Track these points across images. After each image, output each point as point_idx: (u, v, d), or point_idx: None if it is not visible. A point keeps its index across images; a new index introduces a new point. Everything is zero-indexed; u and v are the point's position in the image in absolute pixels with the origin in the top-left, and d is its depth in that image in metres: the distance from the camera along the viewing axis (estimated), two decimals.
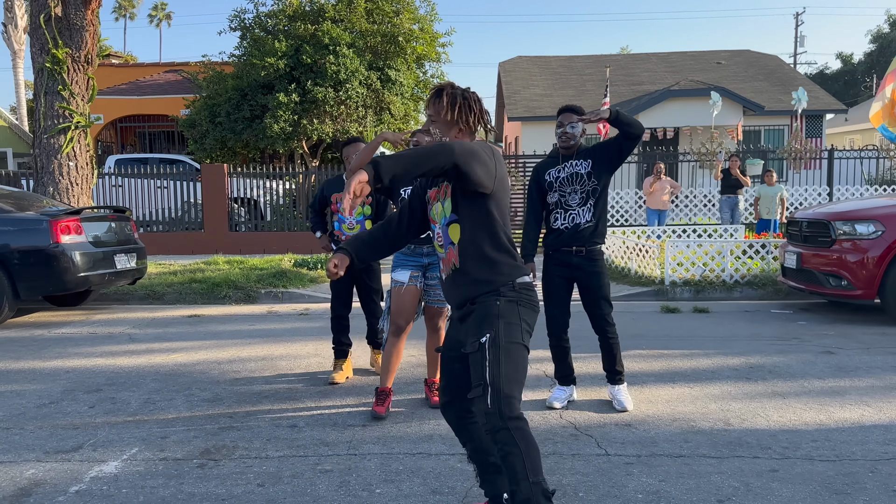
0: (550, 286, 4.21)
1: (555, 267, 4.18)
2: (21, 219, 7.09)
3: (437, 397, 4.25)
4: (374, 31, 15.71)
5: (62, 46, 9.89)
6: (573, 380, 4.36)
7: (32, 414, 4.21)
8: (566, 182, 4.13)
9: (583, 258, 4.10)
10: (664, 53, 25.83)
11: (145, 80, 21.19)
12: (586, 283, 4.12)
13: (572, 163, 4.13)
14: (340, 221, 4.91)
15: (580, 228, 4.09)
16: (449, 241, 2.53)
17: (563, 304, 4.22)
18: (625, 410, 4.14)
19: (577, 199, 4.11)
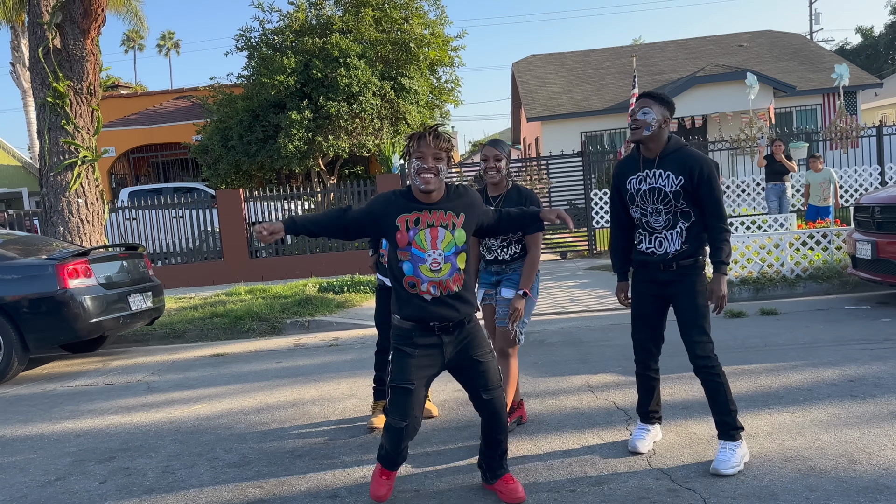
0: (636, 306, 3.55)
1: (642, 283, 3.51)
2: (26, 265, 6.59)
3: None
4: (384, 40, 15.20)
5: (63, 79, 9.45)
6: (658, 418, 3.69)
7: (35, 496, 3.65)
8: (647, 198, 3.39)
9: (673, 273, 3.39)
10: (683, 40, 25.04)
11: (155, 108, 20.87)
12: (675, 304, 3.41)
13: (655, 173, 3.35)
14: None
15: (669, 257, 3.37)
16: (456, 268, 2.94)
17: (649, 327, 3.53)
18: (720, 476, 3.19)
19: (662, 221, 3.39)
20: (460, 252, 2.94)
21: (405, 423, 2.94)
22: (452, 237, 2.91)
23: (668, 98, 3.38)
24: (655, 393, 3.63)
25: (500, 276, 3.91)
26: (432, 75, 16.84)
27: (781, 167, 11.05)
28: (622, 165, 3.52)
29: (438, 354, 2.98)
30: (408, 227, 2.89)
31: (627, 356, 5.54)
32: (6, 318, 6.42)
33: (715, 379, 3.30)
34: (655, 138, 3.33)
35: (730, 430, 3.30)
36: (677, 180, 3.29)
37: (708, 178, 3.26)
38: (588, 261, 12.10)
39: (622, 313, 7.45)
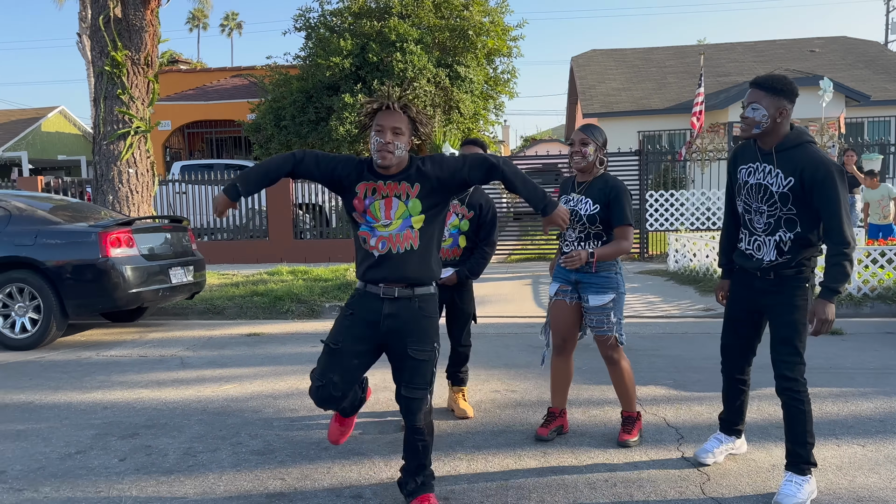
0: (729, 309, 3.27)
1: (738, 287, 3.22)
2: (69, 231, 6.57)
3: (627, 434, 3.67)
4: (443, 26, 14.94)
5: (121, 48, 9.47)
6: (737, 431, 3.39)
7: (53, 469, 3.53)
8: (752, 193, 3.06)
9: (770, 282, 3.06)
10: (751, 42, 24.14)
11: (212, 85, 21.05)
12: (769, 317, 3.07)
13: (766, 168, 3.00)
14: None
15: (762, 267, 3.05)
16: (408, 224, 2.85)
17: (739, 335, 3.24)
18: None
19: (763, 223, 3.06)
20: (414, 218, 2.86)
21: (320, 384, 2.88)
22: (406, 207, 2.84)
23: (785, 83, 2.93)
24: (739, 403, 3.33)
25: (579, 274, 3.59)
26: (489, 65, 16.51)
27: (852, 179, 10.44)
28: (739, 150, 3.17)
29: (375, 324, 2.87)
30: (365, 195, 2.87)
31: (679, 369, 5.20)
32: (48, 282, 6.41)
33: (798, 405, 2.97)
34: (770, 132, 2.96)
35: (801, 463, 2.97)
36: (786, 181, 2.93)
37: (823, 185, 2.84)
38: (639, 264, 11.67)
39: (674, 321, 7.08)
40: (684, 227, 12.05)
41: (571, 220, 3.57)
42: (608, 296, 3.55)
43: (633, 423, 3.69)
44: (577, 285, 3.63)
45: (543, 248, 12.97)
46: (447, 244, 4.07)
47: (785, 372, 2.98)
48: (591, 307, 3.57)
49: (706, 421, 4.02)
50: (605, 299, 3.55)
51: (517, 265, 12.23)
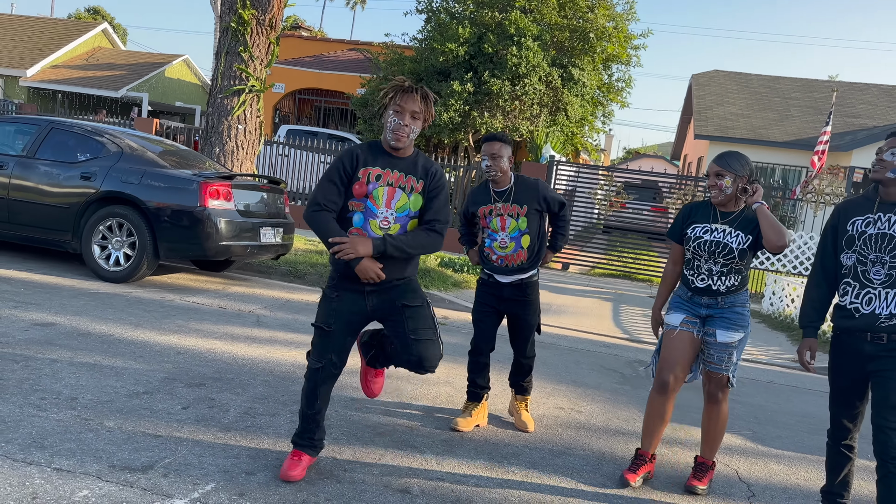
0: (835, 376, 3.04)
1: (844, 350, 2.99)
2: (172, 176, 6.80)
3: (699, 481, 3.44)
4: (564, 26, 14.67)
5: (249, 7, 9.72)
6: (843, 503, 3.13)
7: (120, 404, 3.64)
8: (872, 243, 2.86)
9: (882, 346, 2.82)
10: (888, 86, 22.61)
11: (329, 55, 21.50)
12: (878, 381, 2.83)
13: (892, 218, 2.84)
14: (492, 238, 3.91)
15: (879, 321, 2.82)
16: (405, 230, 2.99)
17: (849, 403, 3.01)
18: None
19: (883, 274, 2.83)
20: (413, 217, 3.00)
21: (320, 365, 3.00)
22: (408, 200, 2.95)
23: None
24: (843, 474, 3.07)
25: (711, 309, 3.35)
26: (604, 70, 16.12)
27: None
28: (849, 204, 2.99)
29: (360, 300, 2.99)
30: (368, 181, 2.93)
31: (760, 421, 4.88)
32: (146, 222, 6.66)
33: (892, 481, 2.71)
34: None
35: None
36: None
37: None
38: None
39: (759, 369, 6.69)
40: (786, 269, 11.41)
41: (714, 253, 3.29)
42: (738, 334, 3.31)
43: (707, 470, 3.46)
44: (705, 320, 3.37)
45: (630, 265, 12.58)
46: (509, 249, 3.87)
47: (893, 440, 2.72)
48: (717, 343, 3.32)
49: (782, 481, 3.73)
50: (735, 337, 3.31)
51: (600, 280, 11.91)
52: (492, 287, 3.97)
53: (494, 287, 3.96)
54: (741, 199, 3.33)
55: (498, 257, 3.87)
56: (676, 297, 3.49)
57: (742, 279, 3.33)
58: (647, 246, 13.51)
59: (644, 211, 14.01)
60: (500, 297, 3.94)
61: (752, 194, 3.27)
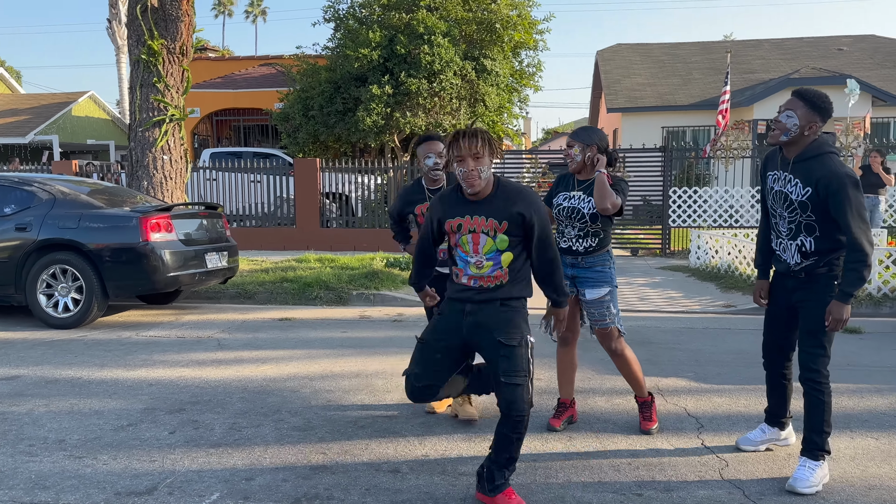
0: (769, 305, 3.46)
1: (774, 285, 3.42)
2: (111, 215, 6.84)
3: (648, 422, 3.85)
4: (470, 19, 15.06)
5: (158, 38, 9.71)
6: (781, 423, 3.56)
7: (108, 439, 3.78)
8: (776, 199, 3.24)
9: (800, 281, 3.23)
10: (778, 39, 23.98)
11: (240, 73, 21.34)
12: (799, 312, 3.24)
13: (787, 177, 3.16)
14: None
15: (791, 268, 3.23)
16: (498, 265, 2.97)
17: (776, 330, 3.42)
18: (795, 493, 3.06)
19: (786, 228, 3.23)
20: (504, 252, 2.96)
21: (406, 374, 3.12)
22: (493, 242, 2.95)
23: (823, 101, 3.08)
24: (782, 396, 3.50)
25: (575, 269, 3.75)
26: (515, 58, 16.62)
27: (877, 180, 10.46)
28: (769, 156, 3.33)
29: (459, 319, 3.00)
30: (453, 230, 3.02)
31: (701, 362, 5.36)
32: (90, 264, 6.68)
33: (819, 395, 3.14)
34: (795, 143, 3.12)
35: (815, 450, 3.14)
36: (804, 190, 3.09)
37: (837, 196, 2.99)
38: (660, 260, 11.78)
39: (695, 317, 7.22)
40: (707, 224, 12.12)
41: (571, 217, 3.68)
42: (603, 289, 3.70)
43: (650, 407, 3.87)
44: (573, 280, 3.76)
45: None
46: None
47: (809, 363, 3.14)
48: (588, 301, 3.71)
49: (725, 411, 4.18)
50: (602, 292, 3.69)
51: None
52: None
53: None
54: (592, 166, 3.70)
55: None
56: None
57: (600, 241, 3.71)
58: None
59: None
60: None
61: (595, 164, 3.66)
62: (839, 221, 3.02)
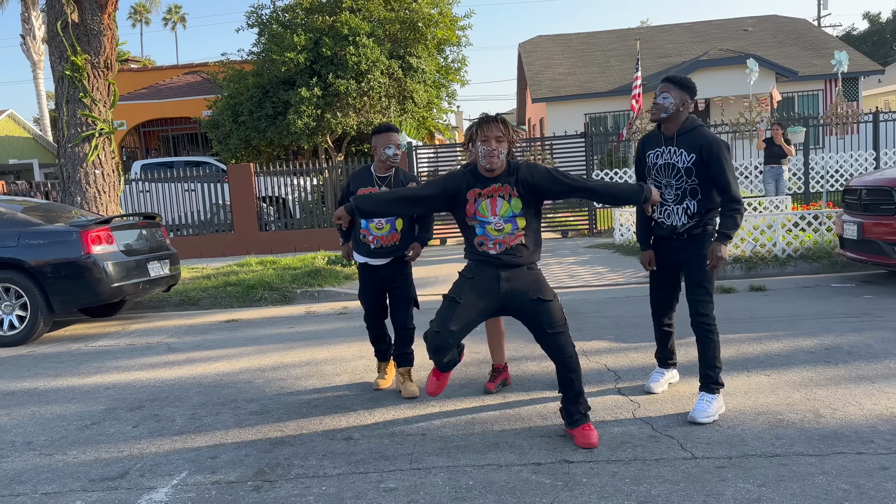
0: (655, 269, 3.97)
1: (658, 249, 3.91)
2: (51, 231, 6.93)
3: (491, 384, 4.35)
4: (393, 19, 15.40)
5: (81, 53, 9.72)
6: (673, 363, 4.17)
7: (74, 437, 4.02)
8: (662, 171, 3.76)
9: (684, 241, 3.76)
10: (688, 23, 25.13)
11: (165, 83, 21.10)
12: (684, 267, 3.79)
13: (671, 150, 3.72)
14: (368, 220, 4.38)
15: (677, 230, 3.75)
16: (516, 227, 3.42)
17: (663, 287, 3.97)
18: (696, 423, 3.57)
19: (672, 195, 3.74)
20: (518, 216, 3.40)
21: (437, 331, 3.32)
22: (509, 205, 3.40)
23: (689, 82, 3.69)
24: (670, 343, 4.09)
25: None
26: (439, 55, 17.04)
27: (780, 151, 11.31)
28: (646, 139, 3.88)
29: (495, 285, 3.38)
30: (474, 199, 3.42)
31: (621, 326, 5.89)
32: (33, 280, 6.78)
33: (709, 336, 3.67)
34: (673, 119, 3.68)
35: (711, 384, 3.67)
36: (689, 157, 3.64)
37: (717, 157, 3.57)
38: (588, 239, 12.41)
39: (618, 289, 7.79)
40: None
41: None
42: None
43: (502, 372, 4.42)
44: None
45: None
46: (385, 231, 4.30)
47: (700, 310, 3.67)
48: None
49: (639, 364, 4.69)
50: None
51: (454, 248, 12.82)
52: (371, 269, 4.44)
53: (373, 269, 4.44)
54: None
55: (374, 238, 4.34)
56: None
57: None
58: None
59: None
60: (378, 276, 4.44)
61: None
62: (718, 179, 3.59)
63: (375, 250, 4.34)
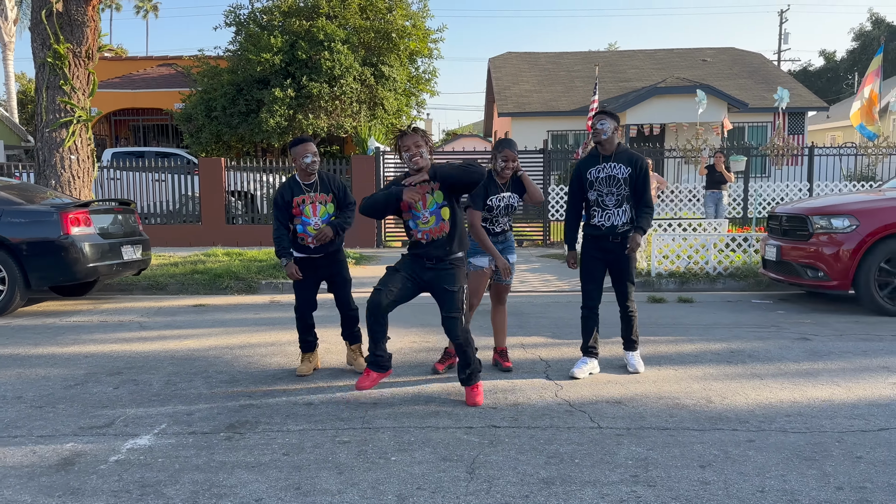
0: (587, 265, 4.75)
1: (592, 249, 4.72)
2: (31, 211, 7.31)
3: (507, 363, 5.03)
4: (368, 28, 15.96)
5: (63, 42, 10.06)
6: (595, 353, 4.89)
7: (61, 395, 4.48)
8: (604, 182, 4.62)
9: (617, 244, 4.63)
10: (651, 50, 26.23)
11: (138, 73, 21.28)
12: (616, 265, 4.68)
13: (611, 165, 4.60)
14: (304, 224, 4.74)
15: (617, 229, 4.61)
16: (441, 219, 4.11)
17: (595, 280, 4.76)
18: (637, 372, 4.80)
19: (613, 200, 4.60)
20: (442, 207, 4.08)
21: (381, 288, 4.07)
22: (432, 197, 4.10)
23: (616, 114, 4.69)
24: (595, 333, 4.85)
25: (504, 244, 4.89)
26: (411, 65, 17.66)
27: (720, 177, 12.18)
28: (585, 161, 4.78)
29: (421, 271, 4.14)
30: None
31: (559, 325, 6.54)
32: (12, 256, 7.15)
33: (632, 316, 4.80)
34: (610, 141, 4.62)
35: (633, 345, 4.83)
36: (626, 170, 4.60)
37: (645, 172, 4.64)
38: (542, 249, 13.12)
39: (562, 294, 8.47)
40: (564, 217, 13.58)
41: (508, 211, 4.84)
42: (514, 256, 5.00)
43: (506, 354, 5.06)
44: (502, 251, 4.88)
45: None
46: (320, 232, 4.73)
47: (628, 296, 4.71)
48: (512, 264, 4.90)
49: (570, 357, 5.33)
50: (514, 259, 4.99)
51: None
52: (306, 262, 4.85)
53: (308, 262, 4.86)
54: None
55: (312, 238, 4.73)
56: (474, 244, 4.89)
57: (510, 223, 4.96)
58: None
59: None
60: (315, 266, 4.88)
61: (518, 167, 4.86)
62: (642, 188, 4.60)
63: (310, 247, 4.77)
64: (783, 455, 3.41)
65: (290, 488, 3.06)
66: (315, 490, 3.04)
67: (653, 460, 3.36)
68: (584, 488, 3.05)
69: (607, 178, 4.62)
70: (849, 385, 4.59)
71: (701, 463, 3.33)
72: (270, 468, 3.28)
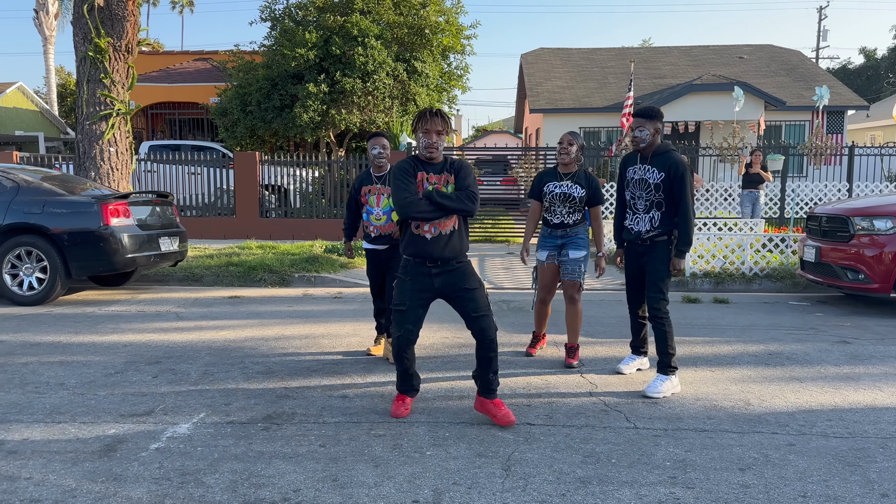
0: (626, 265, 4.69)
1: (628, 252, 4.65)
2: (72, 202, 7.47)
3: (570, 359, 5.01)
4: (402, 23, 15.99)
5: (104, 36, 10.24)
6: (644, 352, 4.87)
7: (101, 382, 4.57)
8: (636, 185, 4.48)
9: (646, 247, 4.47)
10: (686, 47, 25.87)
11: (175, 67, 21.59)
12: (644, 269, 4.51)
13: (646, 167, 4.42)
14: (368, 213, 5.00)
15: (642, 235, 4.45)
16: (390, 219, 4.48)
17: (634, 283, 4.66)
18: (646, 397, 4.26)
19: (643, 205, 4.44)
20: None
21: (400, 333, 3.79)
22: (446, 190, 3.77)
23: (656, 111, 4.39)
24: (642, 332, 4.80)
25: (564, 238, 4.93)
26: (443, 60, 17.65)
27: (757, 177, 11.98)
28: (628, 158, 4.63)
29: (429, 281, 3.78)
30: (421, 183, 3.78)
31: (592, 324, 6.50)
32: (54, 246, 7.31)
33: (661, 327, 4.37)
34: (650, 146, 4.40)
35: (664, 367, 4.37)
36: (659, 175, 4.36)
37: (680, 177, 4.28)
38: None
39: (595, 292, 8.40)
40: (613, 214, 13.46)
41: (563, 199, 4.89)
42: (582, 252, 4.98)
43: (575, 351, 5.05)
44: (561, 247, 4.94)
45: (490, 230, 14.22)
46: (382, 221, 4.93)
47: (654, 305, 4.38)
48: (571, 259, 4.93)
49: (603, 356, 5.29)
50: (581, 254, 4.97)
51: None
52: (371, 253, 5.09)
53: (373, 253, 5.08)
54: (576, 164, 4.97)
55: (374, 227, 4.98)
56: (541, 237, 5.09)
57: (582, 216, 4.98)
58: (503, 213, 15.21)
59: (497, 183, 15.79)
60: (378, 258, 5.07)
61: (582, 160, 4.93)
62: (678, 195, 4.30)
63: (375, 238, 5.01)
64: (825, 460, 3.35)
65: (328, 479, 3.09)
66: (352, 482, 3.06)
67: (691, 462, 3.32)
68: (621, 488, 3.03)
69: (640, 181, 4.44)
70: (892, 390, 4.48)
71: (740, 466, 3.28)
72: (307, 459, 3.31)
